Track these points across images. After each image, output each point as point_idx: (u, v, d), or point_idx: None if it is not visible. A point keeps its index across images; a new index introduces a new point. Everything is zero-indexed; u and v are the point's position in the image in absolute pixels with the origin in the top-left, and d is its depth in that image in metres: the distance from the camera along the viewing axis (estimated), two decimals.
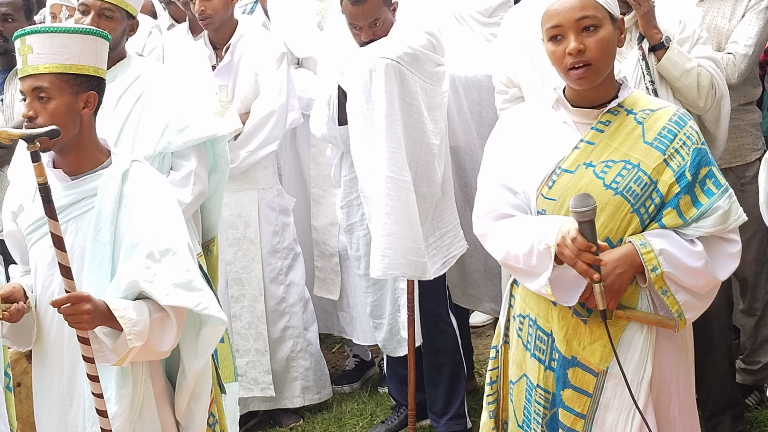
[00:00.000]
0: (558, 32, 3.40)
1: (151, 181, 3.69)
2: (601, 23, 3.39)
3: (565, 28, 3.39)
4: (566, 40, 3.39)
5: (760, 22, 5.28)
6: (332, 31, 5.71)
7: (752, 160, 5.39)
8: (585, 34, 3.38)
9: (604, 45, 3.39)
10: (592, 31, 3.38)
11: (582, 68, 3.36)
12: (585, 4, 3.39)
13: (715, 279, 3.44)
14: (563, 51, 3.39)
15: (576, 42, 3.36)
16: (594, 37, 3.38)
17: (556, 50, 3.42)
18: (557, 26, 3.40)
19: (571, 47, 3.36)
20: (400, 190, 5.01)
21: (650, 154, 3.40)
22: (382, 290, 5.62)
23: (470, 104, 5.68)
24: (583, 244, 3.25)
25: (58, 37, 3.56)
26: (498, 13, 5.79)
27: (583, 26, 3.38)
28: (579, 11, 3.38)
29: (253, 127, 5.72)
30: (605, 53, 3.40)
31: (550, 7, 3.43)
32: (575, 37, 3.37)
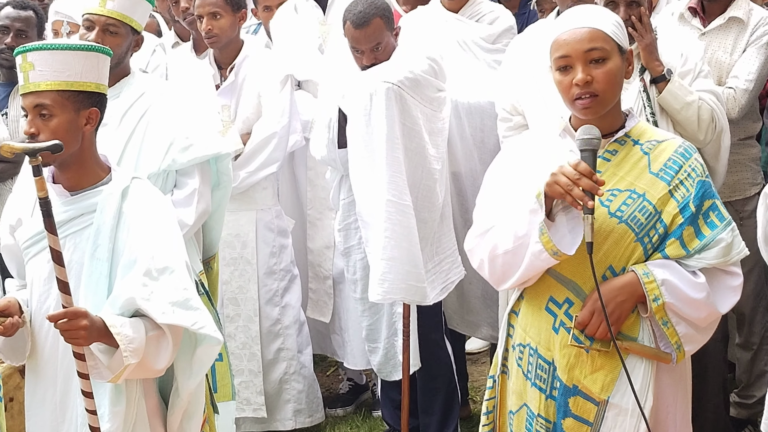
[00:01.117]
0: (566, 63, 3.42)
1: (150, 199, 3.69)
2: (609, 55, 3.40)
3: (573, 59, 3.40)
4: (574, 70, 3.40)
5: (761, 57, 5.30)
6: (334, 54, 5.72)
7: (751, 194, 5.41)
8: (593, 65, 3.39)
9: (611, 77, 3.40)
10: (600, 63, 3.39)
11: (588, 99, 3.38)
12: (594, 36, 3.40)
13: (716, 311, 3.45)
14: (570, 81, 3.40)
15: (583, 73, 3.37)
16: (601, 69, 3.39)
17: (563, 80, 3.43)
18: (565, 56, 3.41)
19: (578, 78, 3.37)
20: (401, 214, 5.01)
21: (655, 184, 3.42)
22: (378, 314, 5.62)
23: (472, 130, 5.69)
24: (585, 169, 3.26)
25: (59, 54, 3.56)
26: (501, 39, 5.81)
27: (591, 58, 3.39)
28: (588, 43, 3.39)
29: (254, 148, 5.72)
30: (612, 85, 3.42)
31: (559, 37, 3.44)
32: (583, 69, 3.38)
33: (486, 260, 3.55)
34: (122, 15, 4.61)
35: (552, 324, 3.49)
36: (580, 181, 3.24)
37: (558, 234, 3.34)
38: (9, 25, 5.58)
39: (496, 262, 3.51)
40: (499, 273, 3.53)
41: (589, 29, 3.41)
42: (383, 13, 5.16)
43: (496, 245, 3.48)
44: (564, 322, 3.46)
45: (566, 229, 3.34)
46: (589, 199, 3.23)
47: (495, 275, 3.57)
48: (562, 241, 3.33)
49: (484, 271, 3.60)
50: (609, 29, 3.42)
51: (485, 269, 3.58)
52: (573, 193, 3.24)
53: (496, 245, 3.48)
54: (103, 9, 4.59)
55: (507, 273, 3.51)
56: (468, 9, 5.94)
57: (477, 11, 5.94)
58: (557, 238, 3.32)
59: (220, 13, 5.70)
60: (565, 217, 3.35)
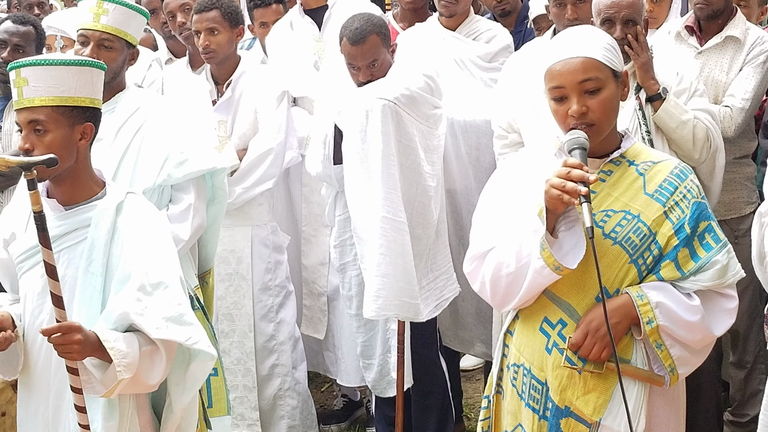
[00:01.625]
0: (560, 93, 3.39)
1: (145, 214, 3.68)
2: (604, 84, 3.38)
3: (568, 89, 3.37)
4: (569, 101, 3.37)
5: (757, 76, 5.31)
6: (329, 70, 5.73)
7: (746, 213, 5.41)
8: (587, 95, 3.36)
9: (607, 105, 3.38)
10: (594, 93, 3.36)
11: (584, 128, 3.35)
12: (587, 66, 3.37)
13: (710, 334, 3.44)
14: (566, 111, 3.37)
15: (578, 105, 3.35)
16: (597, 98, 3.36)
17: (558, 109, 3.41)
18: (560, 87, 3.38)
19: (573, 110, 3.35)
20: (396, 231, 5.02)
21: (650, 205, 3.40)
22: (372, 330, 5.62)
23: (468, 148, 5.69)
24: (574, 162, 3.23)
25: (53, 70, 3.55)
26: (498, 58, 5.82)
27: (585, 89, 3.36)
28: (582, 74, 3.36)
29: (250, 164, 5.72)
30: (608, 113, 3.40)
31: (553, 67, 3.41)
32: (578, 100, 3.35)
33: (488, 282, 3.51)
34: (117, 29, 4.61)
35: (545, 345, 3.46)
36: (570, 174, 3.22)
37: (561, 251, 3.31)
38: (7, 40, 5.58)
39: (499, 284, 3.48)
40: (502, 294, 3.50)
41: (582, 59, 3.37)
42: (380, 30, 5.18)
43: (499, 267, 3.45)
44: (557, 343, 3.44)
45: (569, 246, 3.32)
46: (583, 188, 3.19)
47: (497, 297, 3.53)
48: (566, 257, 3.31)
49: (486, 293, 3.56)
50: (602, 56, 3.38)
51: (487, 291, 3.55)
52: (566, 188, 3.21)
53: (498, 267, 3.45)
54: (97, 24, 4.59)
55: (510, 294, 3.48)
56: (465, 27, 5.95)
57: (474, 29, 5.96)
58: (560, 255, 3.30)
59: (218, 28, 5.71)
60: (567, 234, 3.34)
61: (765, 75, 5.35)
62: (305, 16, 6.26)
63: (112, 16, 4.61)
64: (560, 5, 5.07)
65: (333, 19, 6.10)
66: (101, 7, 4.61)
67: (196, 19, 5.76)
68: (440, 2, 5.86)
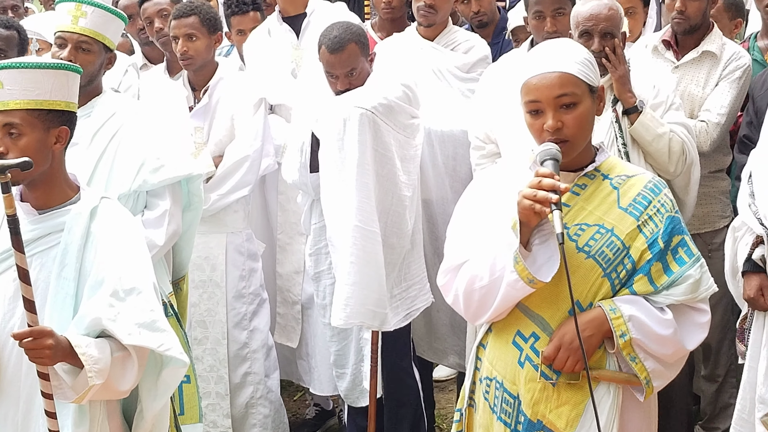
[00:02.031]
0: (536, 107, 3.39)
1: (119, 219, 3.66)
2: (580, 99, 3.38)
3: (544, 104, 3.37)
4: (545, 115, 3.37)
5: (733, 91, 5.34)
6: (307, 78, 5.72)
7: (720, 227, 5.44)
8: (563, 110, 3.36)
9: (583, 121, 3.39)
10: (570, 108, 3.36)
11: (559, 144, 3.35)
12: (564, 81, 3.37)
13: (683, 348, 3.44)
14: (541, 126, 3.37)
15: (554, 120, 3.35)
16: (572, 114, 3.36)
17: (534, 123, 3.40)
18: (535, 101, 3.38)
19: (548, 125, 3.35)
20: (366, 240, 5.01)
21: (624, 219, 3.40)
22: (346, 340, 5.61)
23: (445, 158, 5.70)
24: (545, 171, 3.23)
25: (29, 73, 3.53)
26: (476, 69, 5.82)
27: (561, 103, 3.36)
28: (558, 89, 3.36)
29: (226, 171, 5.70)
30: (582, 129, 3.40)
31: (530, 81, 3.40)
32: (553, 115, 3.35)
33: (461, 295, 3.51)
34: (95, 32, 4.60)
35: (518, 358, 3.46)
36: (541, 183, 3.21)
37: (535, 264, 3.31)
38: None
39: (473, 297, 3.47)
40: (475, 308, 3.49)
41: (559, 74, 3.36)
42: (358, 39, 5.17)
43: (472, 280, 3.45)
44: (530, 356, 3.43)
45: (543, 259, 3.31)
46: (554, 195, 3.18)
47: (471, 310, 3.53)
48: (539, 271, 3.30)
49: (459, 306, 3.55)
50: (579, 71, 3.38)
51: (460, 304, 3.54)
52: (537, 197, 3.20)
53: (472, 280, 3.45)
54: (75, 26, 4.58)
55: (483, 307, 3.47)
56: (443, 37, 5.95)
57: (452, 40, 5.97)
58: (534, 268, 3.30)
59: (196, 34, 5.69)
60: (541, 247, 3.33)
61: (741, 90, 5.38)
62: (283, 24, 6.25)
63: (91, 18, 4.60)
64: (539, 17, 5.09)
65: (311, 27, 6.10)
66: (80, 9, 4.59)
67: (174, 25, 5.74)
68: (419, 12, 5.86)
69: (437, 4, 5.82)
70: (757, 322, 4.47)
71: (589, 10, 4.75)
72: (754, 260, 4.37)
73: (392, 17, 6.25)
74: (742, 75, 5.37)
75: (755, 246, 4.37)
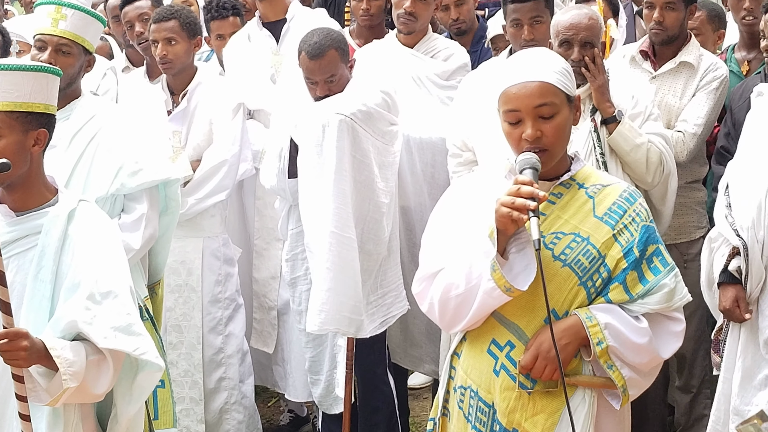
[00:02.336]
0: (515, 117, 3.38)
1: (97, 222, 3.66)
2: (559, 109, 3.38)
3: (523, 113, 3.36)
4: (523, 124, 3.36)
5: (710, 102, 5.36)
6: (286, 83, 5.72)
7: (696, 237, 5.46)
8: (542, 120, 3.36)
9: (560, 130, 3.39)
10: (549, 118, 3.37)
11: (537, 152, 3.35)
12: (544, 91, 3.36)
13: (658, 357, 3.45)
14: (519, 135, 3.37)
15: (533, 129, 3.34)
16: (551, 123, 3.36)
17: (512, 132, 3.40)
18: (515, 111, 3.38)
19: (527, 134, 3.34)
20: (342, 246, 5.01)
21: (600, 228, 3.41)
22: (321, 346, 5.61)
23: (423, 165, 5.70)
24: (523, 179, 3.23)
25: (8, 75, 3.52)
26: (455, 76, 5.83)
27: (540, 114, 3.36)
28: (538, 98, 3.36)
29: (204, 175, 5.70)
30: (561, 138, 3.41)
31: (509, 90, 3.40)
32: (532, 124, 3.35)
33: (437, 304, 3.50)
34: (75, 35, 4.60)
35: (493, 366, 3.46)
36: (520, 191, 3.21)
37: (511, 273, 3.30)
38: None
39: (448, 306, 3.46)
40: (451, 316, 3.48)
41: (538, 83, 3.36)
42: (338, 45, 5.18)
43: (448, 288, 3.44)
44: (505, 364, 3.43)
45: (520, 268, 3.31)
46: (531, 202, 3.18)
47: (446, 318, 3.52)
48: (516, 279, 3.30)
49: (435, 314, 3.54)
50: (558, 81, 3.38)
51: (435, 312, 3.53)
52: (515, 204, 3.20)
53: (447, 288, 3.44)
54: (55, 29, 4.57)
55: (458, 316, 3.46)
56: (423, 45, 5.96)
57: (432, 47, 5.97)
58: (510, 276, 3.29)
59: (176, 38, 5.70)
60: (518, 256, 3.33)
61: (717, 101, 5.40)
62: (263, 29, 6.25)
63: (71, 21, 4.59)
64: (517, 26, 5.10)
65: (291, 32, 6.10)
66: (60, 12, 4.59)
67: (154, 29, 5.74)
68: (399, 19, 5.86)
69: (418, 12, 5.83)
70: (733, 334, 4.49)
71: (569, 20, 4.77)
72: (730, 271, 4.39)
73: (370, 24, 6.25)
74: (719, 86, 5.40)
75: (731, 257, 4.39)
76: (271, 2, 6.24)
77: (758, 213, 4.29)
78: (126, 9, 6.48)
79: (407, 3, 5.80)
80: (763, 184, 4.30)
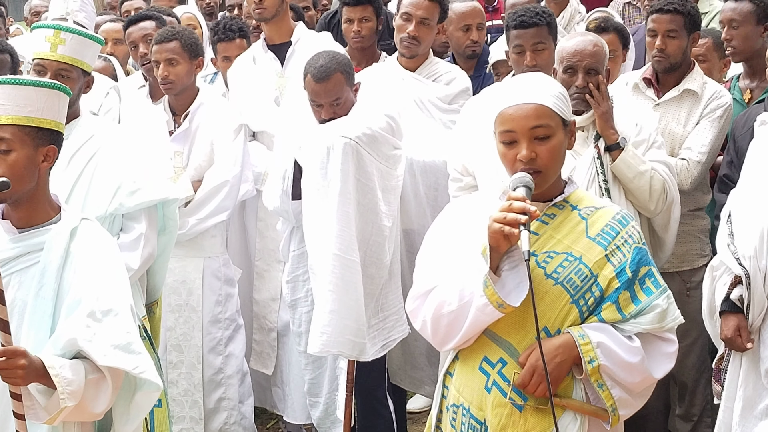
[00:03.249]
0: (511, 138, 3.41)
1: (98, 241, 3.67)
2: (554, 132, 3.42)
3: (518, 134, 3.40)
4: (519, 145, 3.40)
5: (714, 130, 5.36)
6: (291, 106, 5.73)
7: (699, 265, 5.45)
8: (537, 142, 3.39)
9: (555, 153, 3.42)
10: (544, 140, 3.40)
11: (532, 174, 3.37)
12: (539, 113, 3.40)
13: (650, 377, 3.45)
14: (514, 156, 3.40)
15: (528, 150, 3.38)
16: (546, 145, 3.40)
17: (507, 153, 3.43)
18: (510, 132, 3.41)
19: (522, 155, 3.38)
20: (345, 268, 5.02)
21: (592, 248, 3.43)
22: (321, 368, 5.60)
23: (426, 189, 5.71)
24: (516, 195, 3.26)
25: (23, 90, 3.56)
26: (457, 100, 5.84)
27: (536, 135, 3.39)
28: (533, 120, 3.39)
29: (205, 196, 5.71)
30: (555, 161, 3.44)
31: (505, 111, 3.44)
32: (527, 145, 3.38)
33: (429, 321, 3.51)
34: (74, 59, 4.62)
35: (485, 384, 3.46)
36: (512, 206, 3.24)
37: (504, 290, 3.32)
38: None
39: (441, 323, 3.48)
40: (443, 333, 3.50)
41: (534, 105, 3.40)
42: (344, 69, 5.19)
43: (441, 305, 3.45)
44: (497, 381, 3.44)
45: (512, 285, 3.33)
46: (522, 216, 3.21)
47: (438, 335, 3.53)
48: (509, 296, 3.32)
49: (427, 332, 3.56)
50: (554, 104, 3.42)
51: (428, 330, 3.55)
52: (507, 219, 3.23)
53: (440, 305, 3.46)
54: (54, 54, 4.59)
55: (451, 333, 3.48)
56: (425, 68, 5.97)
57: (434, 71, 5.98)
58: (503, 293, 3.31)
59: (177, 59, 5.71)
60: (510, 273, 3.34)
61: (721, 129, 5.40)
62: (268, 51, 6.27)
63: (70, 45, 4.61)
64: (520, 52, 5.12)
65: (296, 55, 6.12)
66: (59, 36, 4.60)
67: (155, 50, 5.76)
68: (402, 43, 5.88)
69: (421, 36, 5.84)
70: (734, 363, 4.48)
71: (574, 46, 4.78)
72: (732, 300, 4.38)
73: (362, 46, 6.30)
74: (723, 114, 5.40)
75: (733, 286, 4.38)
76: (276, 25, 6.25)
77: (760, 242, 4.29)
78: (130, 30, 6.51)
79: (410, 27, 5.81)
80: (765, 213, 4.30)
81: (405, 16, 5.85)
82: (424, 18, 5.83)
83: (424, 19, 5.83)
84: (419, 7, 5.83)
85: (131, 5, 8.38)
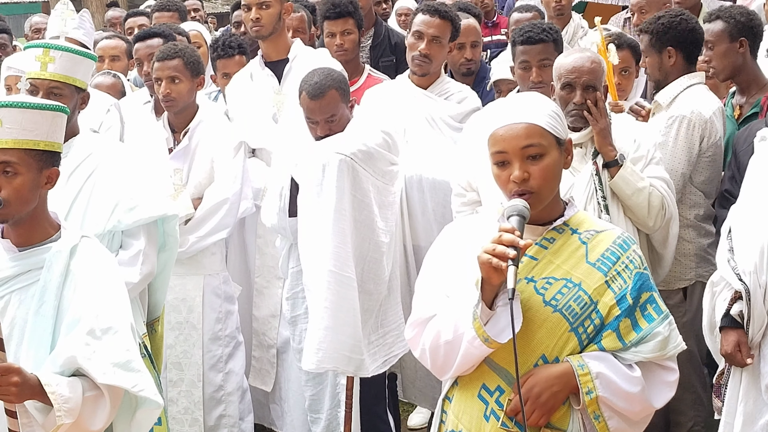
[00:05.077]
0: (503, 158, 3.36)
1: (98, 258, 3.67)
2: (547, 150, 3.36)
3: (510, 155, 3.34)
4: (511, 166, 3.35)
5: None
6: (288, 123, 5.74)
7: (675, 287, 5.45)
8: (530, 161, 3.34)
9: (549, 173, 3.36)
10: (536, 159, 3.34)
11: (525, 195, 3.33)
12: (531, 132, 3.35)
13: (650, 406, 3.41)
14: (507, 177, 3.35)
15: (520, 171, 3.33)
16: (538, 165, 3.34)
17: (500, 174, 3.38)
18: (502, 152, 3.36)
19: (514, 176, 3.33)
20: (340, 285, 5.02)
21: (592, 274, 3.38)
22: (321, 385, 5.60)
23: (435, 205, 5.71)
24: (506, 227, 3.21)
25: (29, 113, 3.56)
26: (468, 119, 5.84)
27: (528, 154, 3.34)
28: (524, 139, 3.34)
29: (205, 213, 5.71)
30: (549, 181, 3.38)
31: (497, 132, 3.38)
32: (520, 165, 3.33)
33: (428, 350, 3.47)
34: (65, 77, 4.60)
35: (483, 411, 3.42)
36: (502, 238, 3.19)
37: (498, 326, 3.27)
38: None
39: (438, 353, 3.44)
40: (441, 363, 3.46)
41: (525, 125, 3.35)
42: (339, 85, 5.20)
43: (438, 335, 3.41)
44: (495, 410, 3.40)
45: (505, 322, 3.25)
46: (511, 251, 3.16)
47: (437, 365, 3.49)
48: (501, 333, 3.26)
49: (426, 360, 3.52)
50: (546, 123, 3.37)
51: (427, 359, 3.50)
52: (496, 251, 3.18)
53: (437, 335, 3.42)
54: (44, 72, 4.58)
55: (447, 363, 3.44)
56: (436, 87, 5.98)
57: (445, 90, 5.99)
58: (496, 329, 3.27)
59: (179, 77, 5.73)
60: (505, 309, 3.26)
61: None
62: (265, 68, 6.28)
63: (60, 63, 4.59)
64: (525, 68, 5.15)
65: (293, 72, 6.13)
66: (48, 55, 4.59)
67: (157, 67, 5.77)
68: (414, 61, 5.88)
69: (432, 54, 5.85)
70: (734, 378, 4.47)
71: (572, 63, 4.79)
72: (732, 316, 4.38)
73: (345, 59, 6.34)
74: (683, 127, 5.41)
75: (733, 301, 4.38)
76: (273, 42, 6.27)
77: (761, 257, 4.28)
78: (137, 46, 6.55)
79: (422, 45, 5.83)
80: (765, 228, 4.29)
81: (417, 35, 5.88)
82: (435, 36, 5.85)
83: (436, 37, 5.85)
84: (431, 26, 5.85)
85: (135, 22, 8.42)
